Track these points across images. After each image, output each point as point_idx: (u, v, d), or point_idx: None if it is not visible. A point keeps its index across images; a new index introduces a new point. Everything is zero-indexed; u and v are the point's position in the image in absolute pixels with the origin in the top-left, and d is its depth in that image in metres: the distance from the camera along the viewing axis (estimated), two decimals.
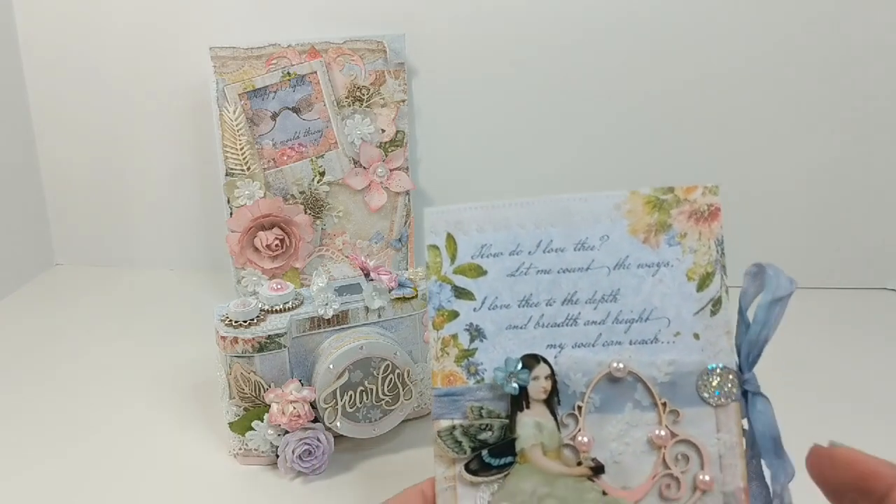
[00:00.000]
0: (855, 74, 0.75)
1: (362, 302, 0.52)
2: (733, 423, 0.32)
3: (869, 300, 0.80)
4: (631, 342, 0.33)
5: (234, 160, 0.73)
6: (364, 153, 0.75)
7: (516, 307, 0.33)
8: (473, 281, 0.33)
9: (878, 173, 0.79)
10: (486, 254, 0.34)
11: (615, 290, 0.33)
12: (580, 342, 0.33)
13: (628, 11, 0.76)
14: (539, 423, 0.32)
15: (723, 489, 0.31)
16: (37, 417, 0.59)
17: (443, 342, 0.33)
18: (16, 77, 0.83)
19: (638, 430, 0.32)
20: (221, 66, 0.72)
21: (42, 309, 0.80)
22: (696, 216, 0.33)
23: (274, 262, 0.74)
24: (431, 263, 0.33)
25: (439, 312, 0.33)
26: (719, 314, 0.32)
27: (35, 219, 0.88)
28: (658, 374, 0.32)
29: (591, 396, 0.32)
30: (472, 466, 0.32)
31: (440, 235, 0.34)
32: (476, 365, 0.33)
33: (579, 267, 0.33)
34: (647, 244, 0.33)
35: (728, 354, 0.32)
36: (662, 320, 0.32)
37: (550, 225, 0.33)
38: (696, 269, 0.33)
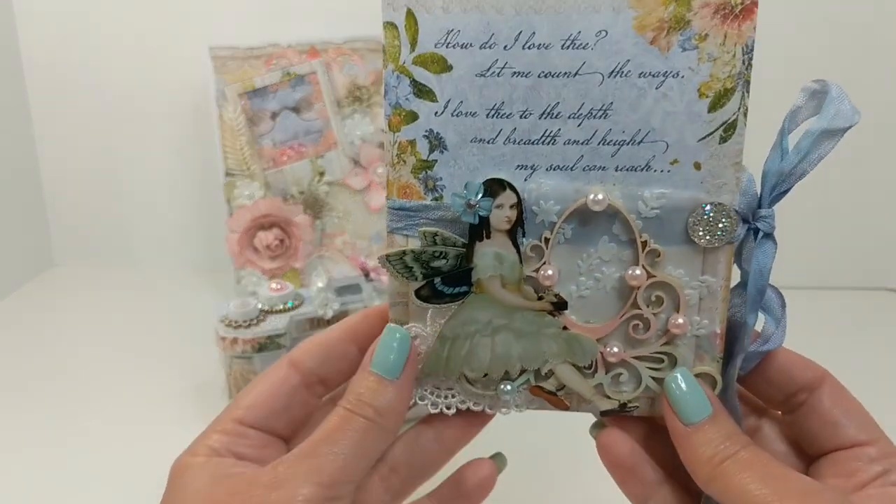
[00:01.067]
0: (855, 75, 0.76)
1: (362, 302, 0.52)
2: (722, 267, 0.28)
3: (869, 300, 0.80)
4: (618, 168, 0.28)
5: (234, 160, 0.73)
6: (364, 153, 0.75)
7: (484, 116, 0.28)
8: (436, 77, 0.28)
9: (878, 174, 0.79)
10: (452, 42, 0.27)
11: (607, 103, 0.27)
12: (557, 164, 0.28)
13: None
14: (499, 253, 0.29)
15: (697, 332, 0.29)
16: (36, 417, 0.59)
17: (399, 147, 0.29)
18: (16, 77, 0.83)
19: (611, 265, 0.29)
20: (221, 66, 0.73)
21: (42, 309, 0.80)
22: (724, 12, 0.26)
23: (274, 262, 0.74)
24: (388, 47, 0.28)
25: (395, 111, 0.28)
26: (730, 142, 0.27)
27: (34, 219, 0.88)
28: (644, 208, 0.28)
29: (563, 227, 0.28)
30: (422, 292, 0.29)
31: (399, 10, 0.28)
32: (434, 179, 0.29)
33: (566, 71, 0.27)
34: (655, 45, 0.26)
35: (732, 189, 0.27)
36: (659, 144, 0.27)
37: (534, 11, 0.27)
38: (713, 84, 0.27)
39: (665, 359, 0.29)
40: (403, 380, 0.28)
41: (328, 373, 0.30)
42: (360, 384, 0.28)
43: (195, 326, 0.65)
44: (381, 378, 0.28)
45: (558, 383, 0.30)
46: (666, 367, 0.29)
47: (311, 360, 0.30)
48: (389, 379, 0.28)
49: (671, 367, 0.29)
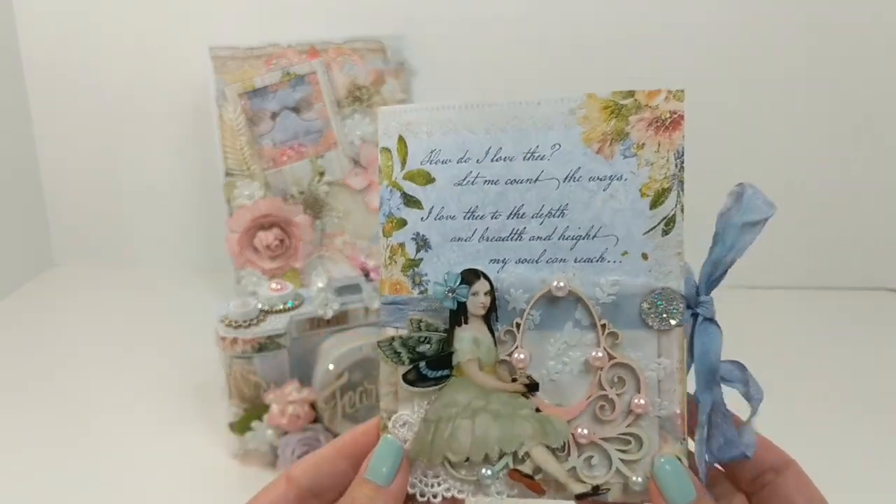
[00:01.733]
0: (856, 75, 0.76)
1: (362, 302, 0.52)
2: (675, 348, 0.31)
3: (869, 300, 0.80)
4: (576, 260, 0.31)
5: (234, 160, 0.73)
6: (364, 153, 0.75)
7: (462, 219, 0.32)
8: (422, 188, 0.33)
9: (878, 174, 0.79)
10: (435, 159, 0.33)
11: (563, 204, 0.32)
12: (524, 258, 0.32)
13: (628, 12, 0.76)
14: (476, 338, 0.32)
15: (658, 413, 0.31)
16: (36, 417, 0.59)
17: (391, 250, 0.33)
18: (16, 77, 0.83)
19: (577, 349, 0.31)
20: (221, 66, 0.73)
21: (41, 309, 0.80)
22: (657, 125, 0.31)
23: (274, 262, 0.74)
24: (383, 167, 0.33)
25: (389, 219, 0.33)
26: (672, 233, 0.31)
27: (34, 219, 0.88)
28: (601, 294, 0.31)
29: (531, 313, 0.32)
30: (409, 377, 0.32)
31: (392, 137, 0.33)
32: (421, 275, 0.33)
33: (528, 178, 0.32)
34: (600, 154, 0.31)
35: (677, 276, 0.31)
36: (611, 238, 0.31)
37: (500, 131, 0.32)
38: (651, 185, 0.31)
39: (632, 440, 0.31)
40: (395, 486, 0.31)
41: (322, 488, 0.32)
42: (357, 491, 0.30)
43: (195, 326, 0.65)
44: (376, 485, 0.30)
45: (534, 466, 0.31)
46: (633, 448, 0.31)
47: (305, 477, 0.32)
48: (383, 486, 0.30)
49: (638, 448, 0.31)
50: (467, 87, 0.80)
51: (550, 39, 0.77)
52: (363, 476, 0.31)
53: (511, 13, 0.77)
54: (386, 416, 0.33)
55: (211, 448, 0.55)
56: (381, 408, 0.33)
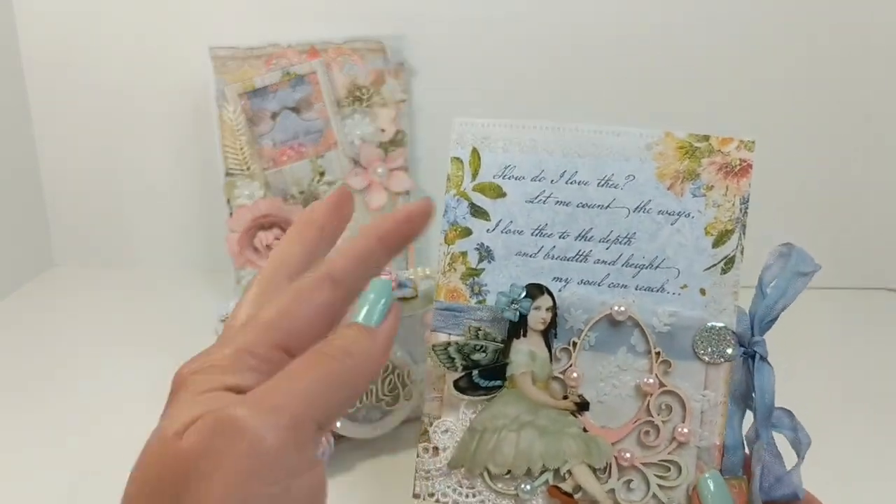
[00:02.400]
0: (856, 75, 0.76)
1: None
2: (721, 383, 0.32)
3: (869, 300, 0.80)
4: (637, 287, 0.33)
5: (234, 160, 0.73)
6: (364, 153, 0.75)
7: (529, 235, 0.33)
8: (491, 201, 0.34)
9: (878, 174, 0.79)
10: (508, 175, 0.34)
11: (631, 233, 0.33)
12: (587, 279, 0.33)
13: (628, 12, 0.76)
14: (533, 352, 0.32)
15: (699, 443, 0.32)
16: (36, 417, 0.59)
17: (451, 257, 0.34)
18: (16, 77, 0.83)
19: (628, 374, 0.32)
20: (221, 66, 0.73)
21: (41, 309, 0.80)
22: (727, 169, 0.32)
23: None
24: (452, 176, 0.34)
25: (453, 227, 0.34)
26: (730, 273, 0.32)
27: (34, 219, 0.88)
28: (658, 323, 0.32)
29: (588, 334, 0.33)
30: (460, 384, 0.33)
31: (466, 148, 0.34)
32: (481, 285, 0.33)
33: (600, 204, 0.33)
34: (671, 191, 0.33)
35: (731, 315, 0.32)
36: (672, 270, 0.32)
37: (578, 155, 0.33)
38: (716, 225, 0.32)
39: (671, 467, 0.32)
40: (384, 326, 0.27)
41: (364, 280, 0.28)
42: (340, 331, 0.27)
43: (195, 326, 0.65)
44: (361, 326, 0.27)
45: (575, 485, 0.32)
46: (672, 475, 0.32)
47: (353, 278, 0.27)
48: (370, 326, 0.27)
49: (676, 476, 0.32)
50: (467, 87, 0.80)
51: (551, 39, 0.77)
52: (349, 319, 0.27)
53: (511, 13, 0.77)
54: (427, 422, 0.33)
55: None
56: (424, 412, 0.33)
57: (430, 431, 0.33)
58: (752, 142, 0.32)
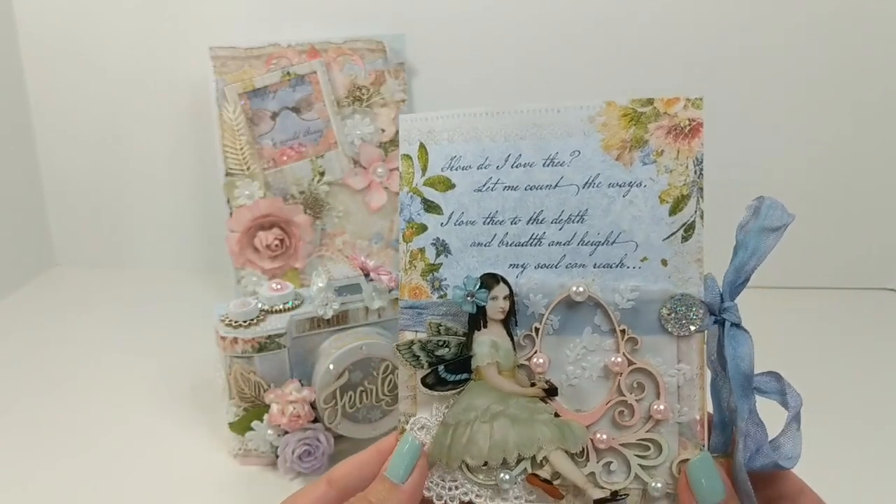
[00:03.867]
0: (856, 75, 0.76)
1: (362, 302, 0.52)
2: (695, 354, 0.31)
3: (869, 300, 0.80)
4: (595, 265, 0.32)
5: (234, 160, 0.73)
6: (364, 153, 0.75)
7: (482, 224, 0.33)
8: (442, 195, 0.33)
9: (878, 174, 0.79)
10: (455, 166, 0.33)
11: (583, 210, 0.32)
12: (543, 263, 0.32)
13: (629, 11, 0.76)
14: (495, 342, 0.32)
15: (678, 419, 0.31)
16: (36, 417, 0.59)
17: (411, 255, 0.33)
18: (16, 77, 0.83)
19: (595, 354, 0.32)
20: (221, 66, 0.73)
21: (42, 309, 0.80)
22: (676, 132, 0.31)
23: (274, 262, 0.74)
24: (404, 174, 0.33)
25: (409, 225, 0.33)
26: (691, 240, 0.31)
27: (35, 219, 0.88)
28: (620, 300, 0.31)
29: (550, 318, 0.32)
30: (428, 380, 0.32)
31: (413, 144, 0.33)
32: (440, 280, 0.33)
33: (547, 184, 0.32)
34: (619, 161, 0.31)
35: (696, 283, 0.31)
36: (630, 244, 0.31)
37: (520, 138, 0.32)
38: (671, 191, 0.31)
39: (651, 446, 0.31)
40: (410, 484, 0.31)
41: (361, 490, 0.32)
42: (372, 487, 0.31)
43: (195, 326, 0.65)
44: (391, 483, 0.31)
45: (553, 471, 0.31)
46: (652, 454, 0.31)
47: (347, 479, 0.32)
48: (398, 484, 0.31)
49: (657, 454, 0.31)
50: (467, 87, 0.80)
51: (551, 39, 0.77)
52: (382, 474, 0.31)
53: (511, 13, 0.77)
54: (404, 420, 0.33)
55: (211, 448, 0.55)
56: (400, 411, 0.33)
57: (406, 429, 0.33)
58: (699, 99, 0.31)
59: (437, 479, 0.32)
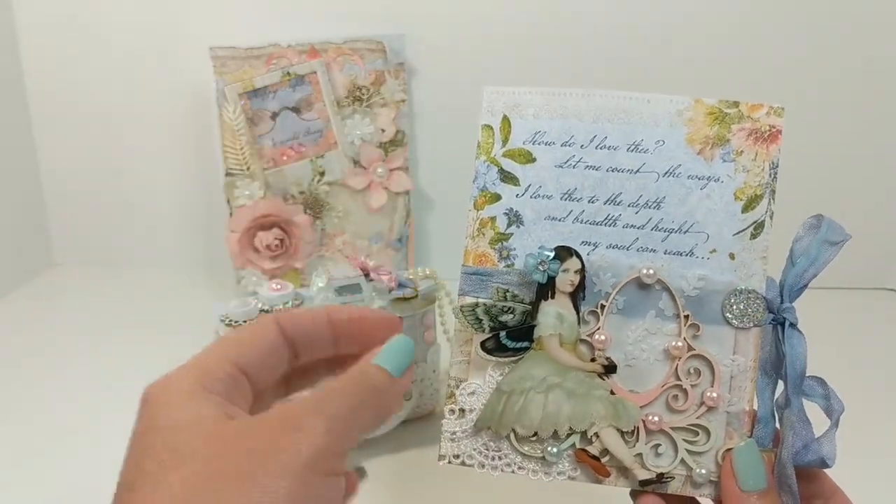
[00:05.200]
0: (856, 75, 0.76)
1: (362, 302, 0.52)
2: (751, 347, 0.32)
3: (869, 300, 0.80)
4: (666, 252, 0.33)
5: (234, 160, 0.73)
6: (364, 153, 0.75)
7: (558, 199, 0.33)
8: (521, 167, 0.34)
9: (878, 173, 0.79)
10: (538, 141, 0.34)
11: (661, 197, 0.33)
12: (615, 244, 0.33)
13: (629, 11, 0.76)
14: (561, 314, 0.32)
15: (728, 409, 0.32)
16: (36, 417, 0.59)
17: (480, 223, 0.34)
18: (16, 77, 0.83)
19: (656, 338, 0.32)
20: (221, 66, 0.73)
21: (42, 309, 0.80)
22: (756, 135, 0.33)
23: (274, 262, 0.74)
24: (483, 143, 0.34)
25: (482, 193, 0.34)
26: (759, 238, 0.32)
27: (35, 219, 0.88)
28: (687, 287, 0.32)
29: (617, 298, 0.33)
30: (487, 345, 0.33)
31: (496, 116, 0.34)
32: (509, 249, 0.34)
33: (629, 168, 0.33)
34: (701, 156, 0.33)
35: (760, 279, 0.32)
36: (701, 235, 0.32)
37: (608, 121, 0.33)
38: (746, 190, 0.32)
39: (699, 432, 0.32)
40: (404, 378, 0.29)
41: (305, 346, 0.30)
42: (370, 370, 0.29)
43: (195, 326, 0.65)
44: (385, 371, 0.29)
45: (602, 448, 0.32)
46: (700, 440, 0.32)
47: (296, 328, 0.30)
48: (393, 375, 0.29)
49: (705, 441, 0.32)
50: (467, 87, 0.79)
51: (551, 39, 0.77)
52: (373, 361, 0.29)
53: (512, 13, 0.77)
54: (454, 384, 0.33)
55: None
56: (450, 375, 0.33)
57: (456, 393, 0.33)
58: (781, 108, 0.33)
59: (480, 448, 0.32)
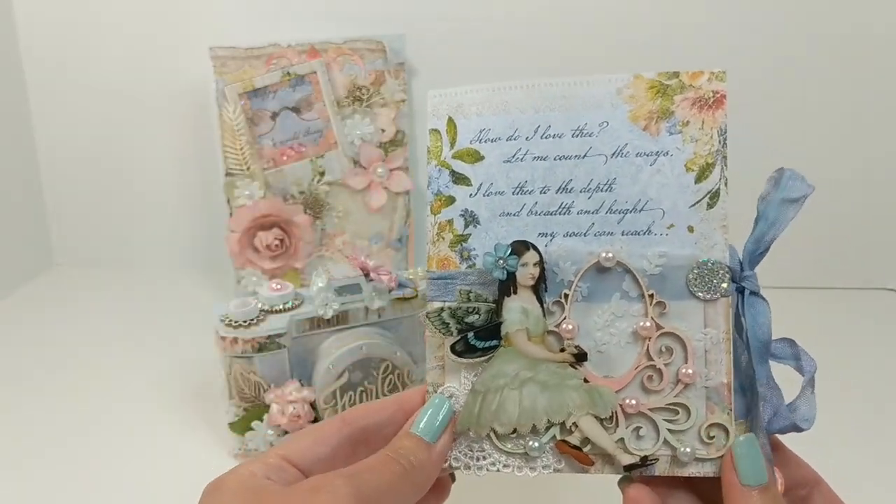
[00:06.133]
0: (856, 75, 0.76)
1: (362, 302, 0.52)
2: (721, 319, 0.32)
3: (869, 300, 0.80)
4: (623, 233, 0.32)
5: (234, 160, 0.73)
6: (364, 153, 0.75)
7: (511, 194, 0.33)
8: (471, 166, 0.34)
9: (878, 173, 0.79)
10: (484, 138, 0.33)
11: (611, 179, 0.33)
12: (572, 231, 0.33)
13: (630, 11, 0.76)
14: (525, 308, 0.32)
15: (706, 384, 0.31)
16: (36, 417, 0.59)
17: (439, 227, 0.34)
18: (16, 77, 0.83)
19: (624, 320, 0.32)
20: (221, 66, 0.73)
21: (42, 309, 0.80)
22: (701, 103, 0.32)
23: (274, 262, 0.74)
24: (432, 148, 0.34)
25: (437, 197, 0.34)
26: (716, 207, 0.32)
27: (35, 219, 0.88)
28: (648, 265, 0.32)
29: (579, 285, 0.33)
30: (457, 347, 0.33)
31: (441, 119, 0.34)
32: (469, 250, 0.34)
33: (576, 154, 0.33)
34: (647, 132, 0.32)
35: (722, 249, 0.32)
36: (657, 211, 0.32)
37: (549, 110, 0.33)
38: (696, 160, 0.32)
39: (679, 410, 0.32)
40: (440, 444, 0.31)
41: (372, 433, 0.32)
42: (402, 441, 0.31)
43: (195, 326, 0.65)
44: (421, 440, 0.31)
45: (583, 437, 0.32)
46: (681, 418, 0.32)
47: (364, 420, 0.32)
48: (429, 441, 0.31)
49: (686, 419, 0.31)
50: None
51: (551, 39, 0.77)
52: (409, 430, 0.31)
53: (511, 13, 0.77)
54: (432, 390, 0.33)
55: (211, 448, 0.55)
56: (428, 381, 0.34)
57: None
58: (722, 72, 0.32)
59: (464, 450, 0.33)
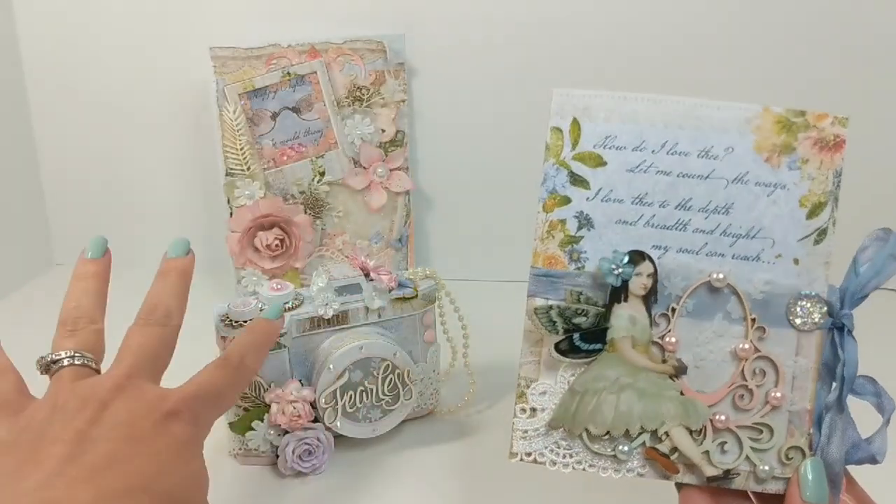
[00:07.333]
0: (855, 75, 0.76)
1: (362, 302, 0.52)
2: (813, 350, 0.34)
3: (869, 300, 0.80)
4: (734, 256, 0.34)
5: (234, 160, 0.73)
6: (364, 153, 0.75)
7: (629, 203, 0.34)
8: (591, 170, 0.34)
9: (877, 173, 0.79)
10: (609, 145, 0.34)
11: (729, 203, 0.34)
12: (685, 248, 0.34)
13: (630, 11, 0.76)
14: (633, 316, 0.34)
15: (790, 408, 0.33)
16: None
17: (549, 225, 0.34)
18: (16, 77, 0.83)
19: (723, 339, 0.34)
20: (221, 66, 0.73)
21: (42, 309, 0.80)
22: (821, 144, 0.34)
23: (274, 262, 0.74)
24: (552, 145, 0.34)
25: (551, 196, 0.34)
26: (822, 244, 0.34)
27: (35, 219, 0.88)
28: (754, 290, 0.34)
29: (687, 301, 0.34)
30: (561, 346, 0.34)
31: (565, 119, 0.34)
32: (580, 252, 0.34)
33: (699, 174, 0.34)
34: (768, 163, 0.34)
35: (822, 284, 0.34)
36: (768, 240, 0.34)
37: (679, 127, 0.34)
38: (810, 197, 0.33)
39: (763, 430, 0.33)
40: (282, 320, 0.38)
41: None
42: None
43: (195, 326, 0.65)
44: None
45: (671, 446, 0.33)
46: (764, 438, 0.33)
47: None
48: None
49: (769, 438, 0.33)
50: (467, 87, 0.80)
51: (551, 39, 0.78)
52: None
53: (511, 13, 0.77)
54: (524, 384, 0.34)
55: (211, 448, 0.54)
56: (521, 376, 0.34)
57: (527, 393, 0.34)
58: (845, 118, 0.33)
59: (552, 446, 0.34)
